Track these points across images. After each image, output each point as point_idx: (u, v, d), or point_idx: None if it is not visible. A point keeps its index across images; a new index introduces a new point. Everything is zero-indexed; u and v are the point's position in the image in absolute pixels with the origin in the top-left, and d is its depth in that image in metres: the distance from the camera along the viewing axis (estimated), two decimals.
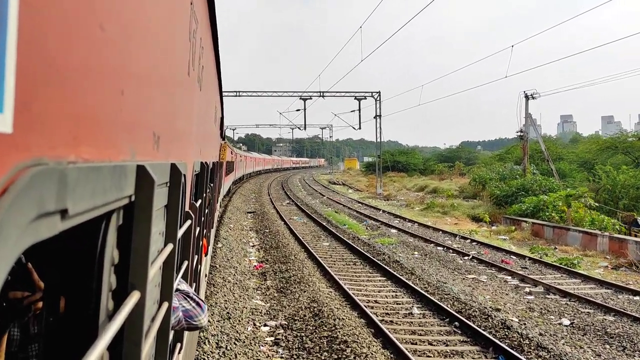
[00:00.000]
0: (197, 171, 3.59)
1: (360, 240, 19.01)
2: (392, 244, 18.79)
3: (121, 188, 1.08)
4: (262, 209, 29.19)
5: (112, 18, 0.94)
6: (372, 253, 16.44)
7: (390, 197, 42.17)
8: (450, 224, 26.68)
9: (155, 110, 1.51)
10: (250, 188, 46.01)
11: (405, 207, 35.11)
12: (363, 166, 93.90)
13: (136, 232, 1.26)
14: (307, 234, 20.70)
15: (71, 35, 0.75)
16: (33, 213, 0.63)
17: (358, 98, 45.50)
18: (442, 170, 61.82)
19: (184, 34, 2.10)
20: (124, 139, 1.12)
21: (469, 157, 77.68)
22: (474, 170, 49.23)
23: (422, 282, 12.96)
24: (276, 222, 23.34)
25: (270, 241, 18.44)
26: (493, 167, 43.64)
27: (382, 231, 22.35)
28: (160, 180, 1.55)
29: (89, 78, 0.84)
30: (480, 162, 63.02)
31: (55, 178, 0.69)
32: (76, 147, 0.79)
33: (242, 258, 15.48)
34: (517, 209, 26.29)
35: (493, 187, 33.16)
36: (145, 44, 1.27)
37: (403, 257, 16.30)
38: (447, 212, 30.57)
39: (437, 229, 23.48)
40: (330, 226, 22.49)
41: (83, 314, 1.07)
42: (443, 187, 44.93)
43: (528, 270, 15.17)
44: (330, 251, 17.15)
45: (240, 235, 19.60)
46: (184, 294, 2.42)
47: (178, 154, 2.14)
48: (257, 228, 22.00)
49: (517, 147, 56.33)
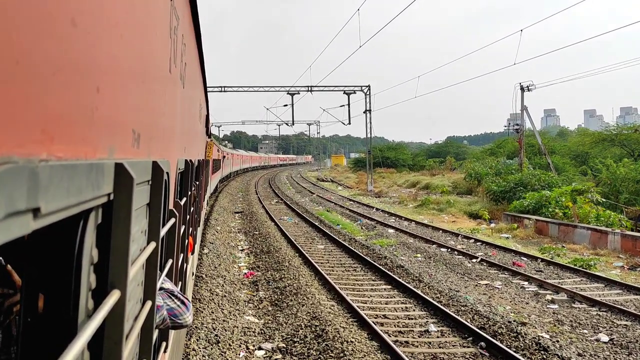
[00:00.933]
0: (182, 169, 3.57)
1: (357, 242, 17.98)
2: (392, 246, 17.85)
3: (98, 186, 1.07)
4: (250, 208, 28.09)
5: (84, 13, 0.92)
6: (373, 257, 15.42)
7: (382, 194, 41.16)
8: (447, 221, 25.64)
9: (134, 108, 1.50)
10: (237, 186, 44.87)
11: (398, 204, 34.01)
12: (351, 162, 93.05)
13: (115, 231, 1.25)
14: (299, 235, 19.58)
15: (40, 30, 0.74)
16: (2, 212, 0.62)
17: (347, 92, 44.45)
18: (433, 165, 60.52)
19: (164, 31, 2.08)
20: (100, 137, 1.10)
21: (457, 152, 76.89)
22: (467, 165, 48.24)
23: (432, 290, 11.76)
24: (266, 223, 22.18)
25: (260, 244, 17.37)
26: (485, 162, 42.80)
27: (379, 231, 21.23)
28: (141, 178, 1.53)
29: (60, 74, 0.83)
30: (470, 157, 62.18)
31: (25, 176, 0.68)
32: (48, 145, 0.78)
33: (231, 265, 14.39)
34: (518, 206, 25.13)
35: (489, 183, 32.08)
36: (121, 40, 1.25)
37: (406, 260, 15.39)
38: (443, 209, 29.53)
39: (437, 228, 22.40)
40: (323, 226, 21.48)
41: (62, 314, 1.06)
42: (435, 183, 43.99)
43: (544, 274, 14.06)
44: (326, 255, 16.08)
45: (228, 238, 18.50)
46: (169, 292, 2.41)
47: (160, 152, 2.12)
48: (245, 229, 20.94)
49: (508, 141, 55.88)
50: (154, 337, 2.05)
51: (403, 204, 33.63)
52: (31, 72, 0.72)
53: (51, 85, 0.80)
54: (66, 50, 0.85)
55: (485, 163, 42.01)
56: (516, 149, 47.07)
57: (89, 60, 0.99)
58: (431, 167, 60.27)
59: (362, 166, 67.97)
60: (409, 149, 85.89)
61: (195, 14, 4.01)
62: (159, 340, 2.62)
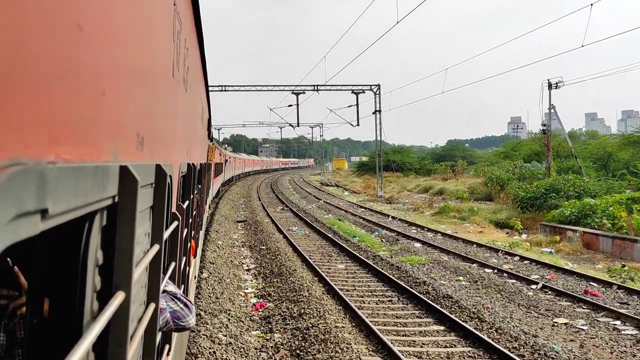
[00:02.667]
0: (184, 172, 3.58)
1: (382, 260, 15.60)
2: (424, 265, 15.30)
3: (104, 189, 1.08)
4: (254, 217, 25.96)
5: (90, 18, 0.94)
6: (408, 281, 12.99)
7: (393, 200, 38.83)
8: (474, 232, 23.14)
9: (138, 111, 1.51)
10: (238, 192, 43.44)
11: (413, 211, 31.42)
12: (354, 166, 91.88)
13: (120, 233, 1.26)
14: (313, 251, 17.20)
15: (47, 35, 0.75)
16: (11, 213, 0.64)
17: (356, 92, 42.08)
18: (444, 169, 57.64)
19: (168, 35, 2.10)
20: (106, 140, 1.12)
21: (463, 155, 74.78)
22: (483, 169, 45.89)
23: (502, 335, 9.13)
24: (274, 235, 19.91)
25: (270, 263, 14.94)
26: (502, 165, 40.99)
27: (403, 245, 18.57)
28: (145, 181, 1.55)
29: (68, 78, 0.84)
30: (478, 160, 60.49)
31: (34, 178, 0.69)
32: (55, 148, 0.79)
33: (236, 292, 11.98)
34: (557, 215, 22.21)
35: (515, 189, 29.42)
36: (126, 44, 1.27)
37: (449, 286, 12.73)
38: (466, 218, 26.74)
39: (467, 241, 19.72)
40: (338, 239, 19.20)
41: (68, 315, 1.07)
42: (450, 188, 41.24)
43: (632, 308, 11.31)
44: (351, 279, 13.54)
45: (231, 255, 16.08)
46: (172, 295, 2.42)
47: (163, 155, 2.13)
48: (251, 243, 18.67)
49: (524, 143, 53.90)
50: (157, 340, 2.06)
51: (419, 212, 31.04)
52: (38, 76, 0.73)
53: (58, 88, 0.81)
54: (72, 55, 0.86)
55: (502, 166, 40.47)
56: (533, 152, 45.71)
57: (95, 65, 1.00)
58: (443, 171, 57.43)
59: (367, 170, 66.85)
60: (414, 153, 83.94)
61: (197, 19, 4.04)
62: (162, 343, 2.63)
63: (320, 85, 42.01)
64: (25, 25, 0.68)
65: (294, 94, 42.75)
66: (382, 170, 56.50)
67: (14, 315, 1.81)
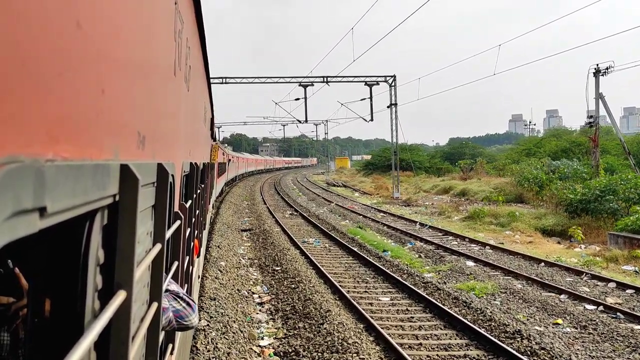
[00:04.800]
0: (187, 172, 3.59)
1: (435, 288, 11.97)
2: (493, 295, 11.75)
3: (104, 187, 1.08)
4: (261, 224, 22.55)
5: (89, 15, 0.93)
6: (490, 327, 9.33)
7: (411, 202, 34.75)
8: (522, 242, 19.52)
9: (139, 110, 1.51)
10: (241, 193, 40.47)
11: (438, 215, 27.61)
12: (358, 165, 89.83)
13: (121, 232, 1.26)
14: (342, 273, 13.71)
15: (46, 32, 0.75)
16: (8, 210, 0.63)
17: (369, 84, 38.05)
18: (464, 167, 52.14)
19: (169, 34, 2.10)
20: (106, 138, 1.11)
21: (473, 153, 70.79)
22: (510, 167, 41.26)
23: None
24: (287, 251, 16.09)
25: (289, 294, 11.34)
26: (529, 163, 37.16)
27: (451, 263, 14.98)
28: (146, 180, 1.54)
29: (66, 76, 0.84)
30: (489, 158, 56.76)
31: (31, 176, 0.69)
32: (54, 146, 0.79)
33: (247, 347, 8.47)
34: (631, 223, 18.21)
35: (561, 190, 25.24)
36: (126, 42, 1.27)
37: (551, 336, 9.08)
38: (505, 224, 22.90)
39: (530, 257, 15.87)
40: (367, 255, 15.78)
41: (69, 314, 1.07)
42: (472, 188, 36.97)
43: None
44: (407, 323, 9.83)
45: (237, 281, 12.61)
46: (174, 294, 2.42)
47: (165, 154, 2.13)
48: (260, 261, 15.21)
49: (548, 139, 51.06)
50: (160, 339, 2.06)
51: (445, 216, 27.16)
52: (37, 73, 0.73)
53: (57, 86, 0.80)
54: (72, 52, 0.86)
55: (529, 165, 36.85)
56: (559, 148, 42.86)
57: (95, 62, 1.00)
58: (462, 169, 52.27)
59: (374, 169, 64.79)
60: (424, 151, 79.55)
61: (199, 18, 4.04)
62: (165, 342, 2.63)
63: (330, 77, 38.38)
64: (23, 22, 0.67)
65: (302, 87, 38.82)
66: (389, 170, 51.94)
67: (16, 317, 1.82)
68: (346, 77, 39.07)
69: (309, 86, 38.68)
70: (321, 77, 38.51)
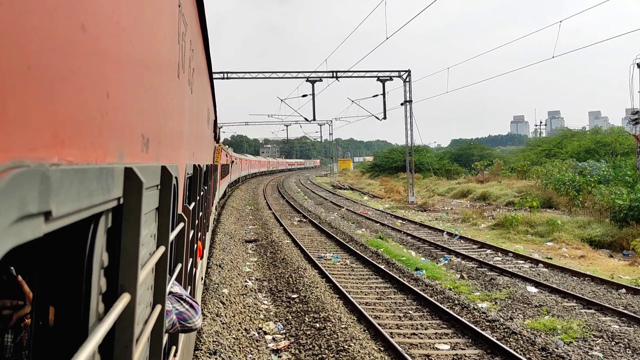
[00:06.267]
0: (190, 174, 3.59)
1: (508, 331, 9.00)
2: (585, 341, 8.87)
3: (109, 190, 1.08)
4: (268, 233, 20.20)
5: (94, 19, 0.93)
6: None
7: (428, 207, 31.98)
8: (572, 257, 16.59)
9: (143, 113, 1.51)
10: (243, 197, 37.96)
11: (462, 222, 24.66)
12: (363, 167, 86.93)
13: (125, 235, 1.26)
14: (375, 303, 10.97)
15: (51, 36, 0.75)
16: (14, 215, 0.63)
17: (382, 79, 35.08)
18: (481, 169, 48.75)
19: (172, 37, 2.10)
20: (110, 141, 1.11)
21: (481, 154, 67.89)
22: (536, 169, 37.57)
23: None
24: (304, 271, 13.21)
25: (314, 341, 8.53)
26: (555, 165, 34.55)
27: (508, 289, 11.86)
28: (150, 182, 1.54)
29: (71, 80, 0.84)
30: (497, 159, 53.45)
31: (37, 180, 0.69)
32: (59, 149, 0.79)
33: None
34: None
35: (608, 195, 21.83)
36: (130, 45, 1.27)
37: None
38: (545, 234, 19.77)
39: (602, 281, 12.74)
40: (400, 275, 13.15)
41: (73, 316, 1.07)
42: (494, 192, 33.76)
43: None
44: None
45: (244, 316, 9.90)
46: (177, 296, 2.42)
47: (169, 157, 2.13)
48: (271, 284, 12.46)
49: (572, 141, 46.71)
50: (163, 341, 2.06)
51: (469, 223, 24.24)
52: (42, 77, 0.73)
53: (62, 90, 0.81)
54: (76, 56, 0.86)
55: (554, 166, 34.40)
56: (583, 148, 40.01)
57: (99, 66, 1.00)
58: (476, 171, 49.34)
59: (381, 171, 62.31)
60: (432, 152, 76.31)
61: (203, 20, 4.05)
62: (168, 345, 2.63)
63: (340, 72, 35.13)
64: (28, 26, 0.67)
65: (309, 82, 35.67)
66: (398, 171, 49.87)
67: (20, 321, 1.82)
68: (357, 71, 35.68)
69: (317, 82, 35.72)
70: (330, 72, 35.13)
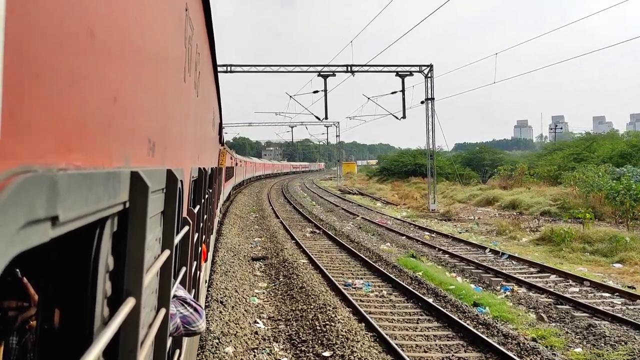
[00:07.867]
0: (195, 177, 3.60)
1: None
2: None
3: (115, 194, 1.08)
4: (278, 249, 17.27)
5: (102, 24, 0.94)
6: None
7: (452, 216, 28.74)
8: None
9: (150, 117, 1.52)
10: (246, 202, 35.18)
11: (497, 234, 21.89)
12: (371, 170, 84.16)
13: (131, 239, 1.26)
14: None
15: (60, 41, 0.75)
16: (22, 220, 0.63)
17: (401, 74, 31.48)
18: (504, 174, 44.80)
19: (179, 41, 2.11)
20: (117, 146, 1.12)
21: (493, 158, 64.71)
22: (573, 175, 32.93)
23: None
24: (334, 311, 9.96)
25: None
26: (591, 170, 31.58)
27: (625, 346, 8.59)
28: (156, 186, 1.55)
29: (79, 85, 0.84)
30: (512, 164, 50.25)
31: (44, 185, 0.69)
32: (67, 154, 0.79)
33: None
34: None
35: None
36: (138, 50, 1.27)
37: None
38: (608, 254, 16.61)
39: None
40: (457, 313, 10.24)
41: (79, 321, 1.07)
42: (524, 199, 30.20)
43: None
44: None
45: None
46: (182, 300, 2.42)
47: (174, 160, 2.14)
48: (291, 329, 9.39)
49: (601, 142, 44.66)
50: (168, 345, 2.06)
51: (507, 236, 21.29)
52: (50, 82, 0.73)
53: (69, 95, 0.81)
54: (84, 61, 0.87)
55: (589, 170, 31.43)
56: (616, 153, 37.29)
57: (106, 71, 1.00)
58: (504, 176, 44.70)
59: (390, 174, 60.55)
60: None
61: (209, 23, 4.06)
62: (172, 348, 2.62)
63: (355, 66, 31.49)
64: (36, 31, 0.68)
65: (321, 77, 32.04)
66: (409, 175, 48.30)
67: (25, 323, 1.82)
68: (374, 65, 32.00)
69: (329, 76, 32.04)
70: (344, 66, 31.65)
